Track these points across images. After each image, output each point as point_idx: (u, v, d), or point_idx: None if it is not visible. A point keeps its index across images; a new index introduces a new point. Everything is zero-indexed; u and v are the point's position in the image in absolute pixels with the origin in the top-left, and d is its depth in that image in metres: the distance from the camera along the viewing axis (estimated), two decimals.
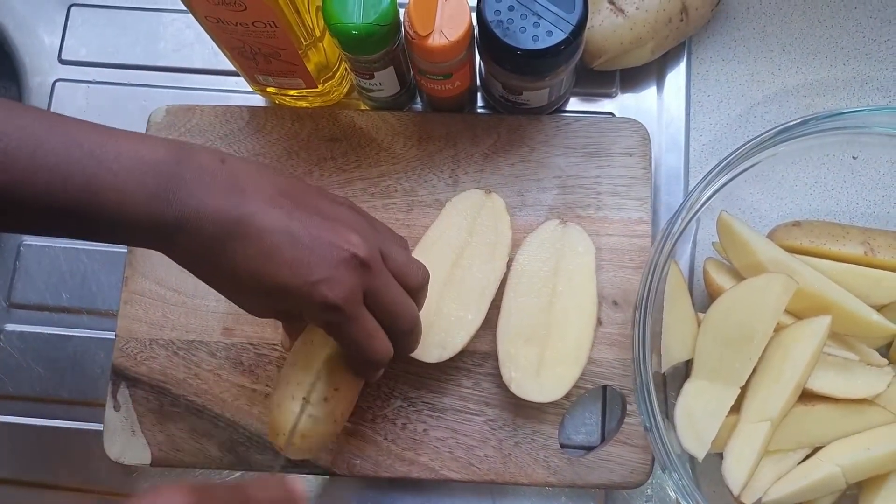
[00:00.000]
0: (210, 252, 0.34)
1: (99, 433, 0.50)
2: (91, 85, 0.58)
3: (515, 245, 0.49)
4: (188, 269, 0.36)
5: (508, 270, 0.48)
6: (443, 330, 0.46)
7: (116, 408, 0.49)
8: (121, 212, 0.33)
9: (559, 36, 0.44)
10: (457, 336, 0.46)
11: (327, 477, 0.50)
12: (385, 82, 0.49)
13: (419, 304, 0.41)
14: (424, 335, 0.46)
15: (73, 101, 0.58)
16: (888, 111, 0.43)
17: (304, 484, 0.43)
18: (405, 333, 0.39)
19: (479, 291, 0.47)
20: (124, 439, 0.49)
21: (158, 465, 0.49)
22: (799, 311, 0.46)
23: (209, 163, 0.35)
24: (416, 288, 0.39)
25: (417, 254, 0.48)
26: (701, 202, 0.44)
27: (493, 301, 0.47)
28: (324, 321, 0.36)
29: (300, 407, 0.40)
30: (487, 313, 0.47)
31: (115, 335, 0.51)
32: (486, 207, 0.49)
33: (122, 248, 0.53)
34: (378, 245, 0.37)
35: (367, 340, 0.37)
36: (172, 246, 0.35)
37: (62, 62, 0.58)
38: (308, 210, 0.36)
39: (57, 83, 0.58)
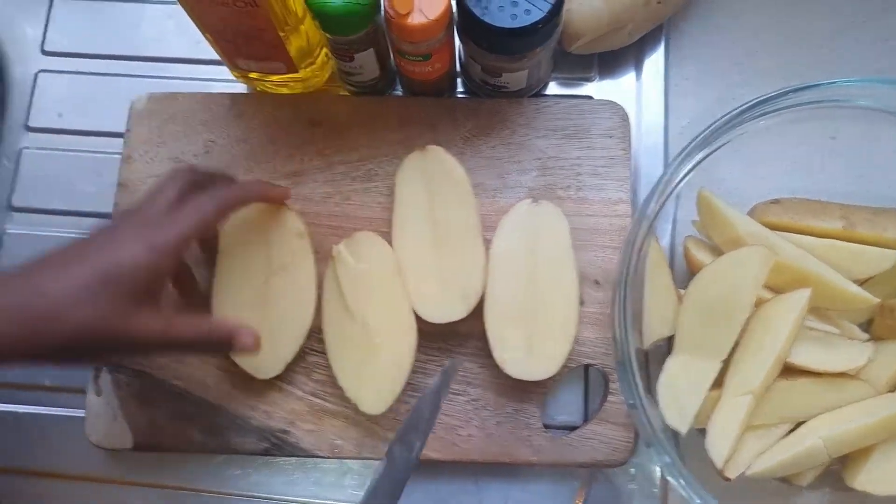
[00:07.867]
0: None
1: (77, 418, 0.49)
2: (73, 75, 0.58)
3: (491, 227, 0.49)
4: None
5: (487, 255, 0.48)
6: (457, 284, 0.47)
7: (98, 393, 0.49)
8: None
9: (537, 15, 0.45)
10: (472, 277, 0.47)
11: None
12: (365, 65, 0.50)
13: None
14: (442, 300, 0.47)
15: (56, 92, 0.57)
16: (864, 82, 0.43)
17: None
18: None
19: (464, 234, 0.48)
20: (106, 424, 0.49)
21: (140, 449, 0.49)
22: (780, 286, 0.46)
23: None
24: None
25: (394, 241, 0.49)
26: (680, 176, 0.45)
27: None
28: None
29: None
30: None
31: None
32: (427, 161, 0.50)
33: None
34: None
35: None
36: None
37: (45, 53, 0.59)
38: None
39: (39, 74, 0.58)
